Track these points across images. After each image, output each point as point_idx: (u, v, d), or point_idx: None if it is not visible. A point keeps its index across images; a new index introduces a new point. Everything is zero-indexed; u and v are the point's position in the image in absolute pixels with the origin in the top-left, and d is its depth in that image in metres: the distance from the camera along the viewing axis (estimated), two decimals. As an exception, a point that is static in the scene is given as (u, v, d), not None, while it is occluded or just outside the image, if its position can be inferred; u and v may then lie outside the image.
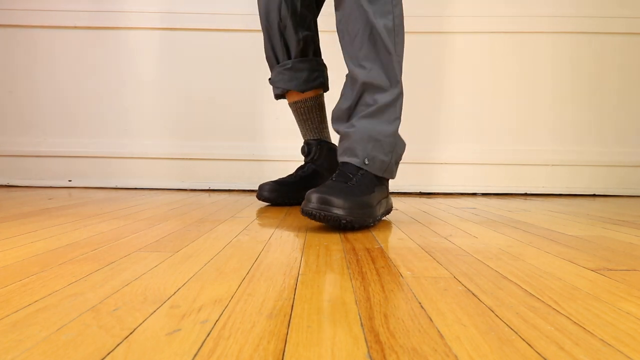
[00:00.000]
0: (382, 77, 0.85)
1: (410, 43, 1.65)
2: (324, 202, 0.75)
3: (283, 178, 1.18)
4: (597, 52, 1.65)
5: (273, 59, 1.15)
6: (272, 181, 1.16)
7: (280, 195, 1.13)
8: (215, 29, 1.64)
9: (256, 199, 1.22)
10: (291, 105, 1.19)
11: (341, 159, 0.88)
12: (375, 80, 0.85)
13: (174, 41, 1.65)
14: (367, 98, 0.86)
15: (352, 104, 0.88)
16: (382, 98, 0.86)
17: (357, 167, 0.85)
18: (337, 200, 0.74)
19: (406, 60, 1.66)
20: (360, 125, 0.86)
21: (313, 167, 1.19)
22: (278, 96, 1.18)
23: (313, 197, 0.75)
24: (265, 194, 1.14)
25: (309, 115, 1.18)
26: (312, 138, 1.20)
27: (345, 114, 0.89)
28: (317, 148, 1.18)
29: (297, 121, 1.21)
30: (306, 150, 1.19)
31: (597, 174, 1.66)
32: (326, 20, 1.59)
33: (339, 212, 0.73)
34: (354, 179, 0.83)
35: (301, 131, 1.22)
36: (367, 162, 0.85)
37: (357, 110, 0.88)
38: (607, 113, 1.67)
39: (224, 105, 1.66)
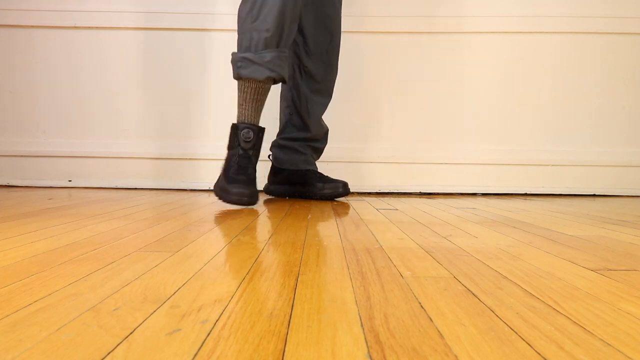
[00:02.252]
0: None
1: (411, 43, 1.65)
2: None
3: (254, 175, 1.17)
4: (597, 52, 1.65)
5: (276, 38, 1.12)
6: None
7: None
8: (213, 29, 1.64)
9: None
10: (254, 83, 1.14)
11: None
12: None
13: (173, 41, 1.65)
14: None
15: None
16: None
17: None
18: None
19: (407, 61, 1.66)
20: None
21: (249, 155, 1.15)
22: (269, 79, 1.14)
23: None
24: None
25: (262, 98, 1.17)
26: (253, 122, 1.16)
27: None
28: (256, 137, 1.15)
29: (249, 100, 1.15)
30: (251, 136, 1.13)
31: (597, 174, 1.66)
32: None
33: None
34: None
35: (245, 111, 1.15)
36: None
37: None
38: (607, 113, 1.67)
39: (224, 105, 1.66)
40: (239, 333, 0.30)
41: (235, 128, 1.14)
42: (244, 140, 1.12)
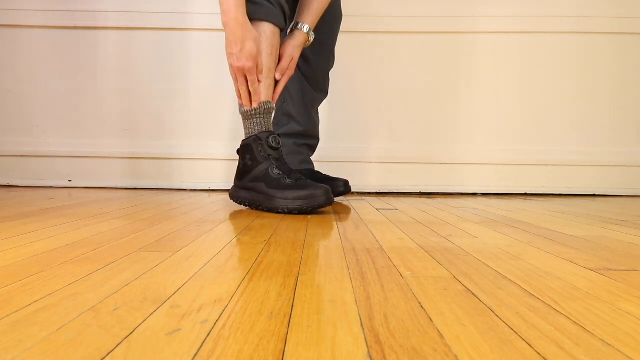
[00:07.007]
0: None
1: (412, 43, 1.65)
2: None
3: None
4: (597, 52, 1.65)
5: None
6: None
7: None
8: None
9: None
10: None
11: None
12: None
13: (170, 41, 1.65)
14: None
15: None
16: None
17: None
18: None
19: (407, 61, 1.66)
20: None
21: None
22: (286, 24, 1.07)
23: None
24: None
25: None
26: (270, 129, 1.07)
27: None
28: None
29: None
30: (279, 141, 1.05)
31: (597, 174, 1.66)
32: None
33: None
34: None
35: (263, 120, 1.06)
36: None
37: None
38: (607, 113, 1.67)
39: (223, 105, 1.66)
40: (239, 333, 0.30)
41: (257, 140, 1.03)
42: (275, 146, 1.03)
